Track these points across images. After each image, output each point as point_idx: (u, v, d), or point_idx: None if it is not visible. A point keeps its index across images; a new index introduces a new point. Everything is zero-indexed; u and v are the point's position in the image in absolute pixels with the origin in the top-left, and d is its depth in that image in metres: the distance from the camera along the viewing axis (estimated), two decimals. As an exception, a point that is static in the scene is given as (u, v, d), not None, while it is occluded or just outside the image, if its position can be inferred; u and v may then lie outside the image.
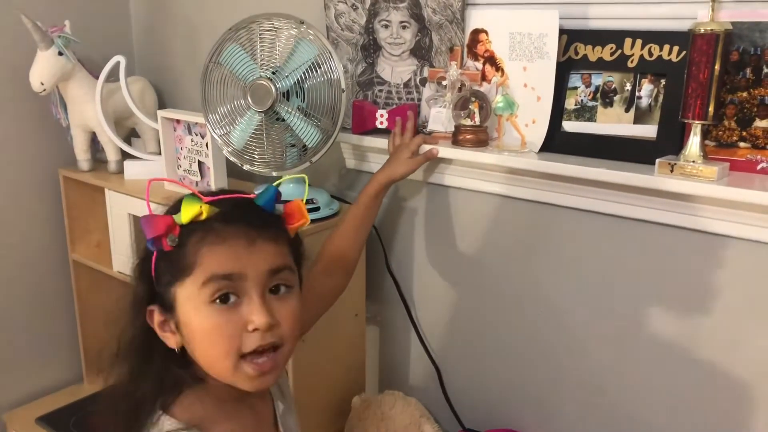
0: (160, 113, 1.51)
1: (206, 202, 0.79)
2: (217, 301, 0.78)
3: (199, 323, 0.79)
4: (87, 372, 1.88)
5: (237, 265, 0.78)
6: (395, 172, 1.26)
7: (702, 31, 1.00)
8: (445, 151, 1.28)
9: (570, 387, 1.30)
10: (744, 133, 1.06)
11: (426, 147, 1.28)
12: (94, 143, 1.72)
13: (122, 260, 1.61)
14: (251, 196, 0.86)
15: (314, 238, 1.30)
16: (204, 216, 0.79)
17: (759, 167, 1.05)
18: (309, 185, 1.37)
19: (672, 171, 1.04)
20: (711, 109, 1.02)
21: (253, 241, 0.79)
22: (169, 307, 0.81)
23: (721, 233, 1.06)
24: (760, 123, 1.04)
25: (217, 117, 1.30)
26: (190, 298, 0.79)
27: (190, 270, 0.78)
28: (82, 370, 1.88)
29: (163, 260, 0.80)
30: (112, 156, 1.67)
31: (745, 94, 1.04)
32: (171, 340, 0.83)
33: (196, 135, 1.48)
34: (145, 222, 0.78)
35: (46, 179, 1.78)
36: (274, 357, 0.80)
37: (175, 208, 0.81)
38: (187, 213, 0.78)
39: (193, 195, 0.80)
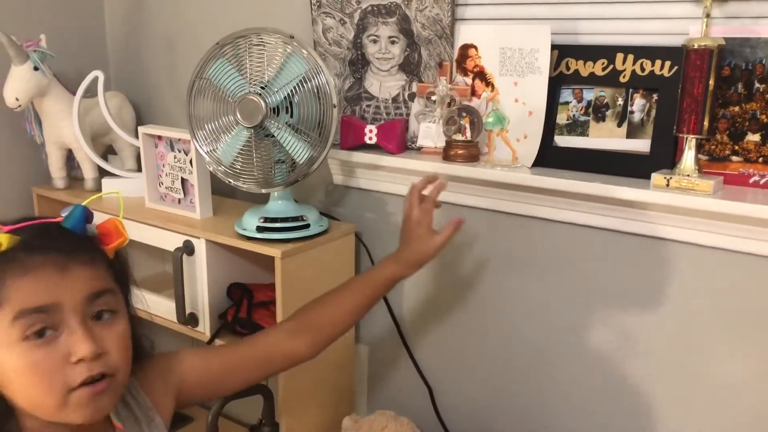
0: (141, 129, 1.47)
1: (5, 232, 0.72)
2: (32, 337, 0.72)
3: (14, 364, 0.72)
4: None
5: (48, 295, 0.72)
6: (426, 253, 1.08)
7: (696, 46, 1.01)
8: (436, 166, 1.27)
9: (564, 404, 1.29)
10: (736, 147, 1.07)
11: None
12: (69, 161, 1.67)
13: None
14: (57, 219, 0.79)
15: (303, 257, 1.28)
16: (4, 247, 0.72)
17: (751, 180, 1.06)
18: (297, 201, 1.38)
19: (668, 185, 1.05)
20: (705, 123, 1.03)
21: (64, 267, 0.73)
22: None
23: (715, 246, 1.07)
24: (752, 137, 1.05)
25: (204, 133, 1.27)
26: (1, 338, 0.72)
27: None
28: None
29: None
30: (89, 174, 1.63)
31: (737, 109, 1.06)
32: None
33: (179, 151, 1.44)
34: None
35: (19, 198, 1.72)
36: (107, 382, 0.75)
37: None
38: None
39: None
